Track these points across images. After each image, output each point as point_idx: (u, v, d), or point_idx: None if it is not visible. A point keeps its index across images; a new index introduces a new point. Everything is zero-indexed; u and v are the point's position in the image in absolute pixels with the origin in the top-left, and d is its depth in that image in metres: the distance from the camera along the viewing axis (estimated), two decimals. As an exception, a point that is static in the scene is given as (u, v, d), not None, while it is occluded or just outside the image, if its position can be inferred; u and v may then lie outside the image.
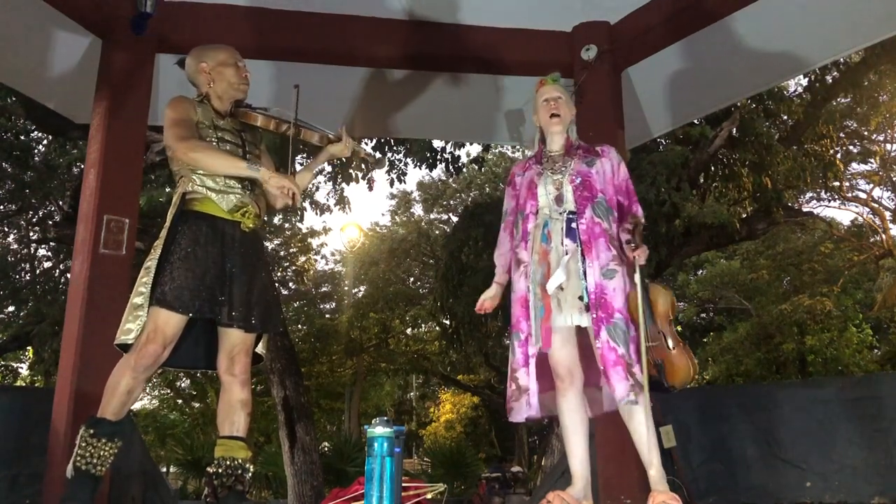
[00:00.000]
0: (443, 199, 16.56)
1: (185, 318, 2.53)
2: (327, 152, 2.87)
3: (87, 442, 2.51)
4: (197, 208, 2.62)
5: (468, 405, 20.38)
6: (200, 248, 2.56)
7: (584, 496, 2.66)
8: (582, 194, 2.78)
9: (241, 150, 2.72)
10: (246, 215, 2.66)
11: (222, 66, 2.76)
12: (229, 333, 2.64)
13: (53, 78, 4.25)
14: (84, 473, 2.49)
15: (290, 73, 4.43)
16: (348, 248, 17.31)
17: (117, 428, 2.55)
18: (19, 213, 10.53)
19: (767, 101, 8.28)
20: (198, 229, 2.59)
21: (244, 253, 2.65)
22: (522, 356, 2.74)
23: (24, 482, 3.59)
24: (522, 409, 2.70)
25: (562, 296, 2.72)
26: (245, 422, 2.65)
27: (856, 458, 3.85)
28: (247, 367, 2.67)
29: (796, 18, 4.00)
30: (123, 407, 2.55)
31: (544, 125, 2.98)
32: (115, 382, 2.53)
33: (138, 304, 2.53)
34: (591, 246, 2.71)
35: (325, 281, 18.77)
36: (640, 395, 2.57)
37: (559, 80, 3.06)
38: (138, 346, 2.50)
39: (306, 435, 7.83)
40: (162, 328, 2.49)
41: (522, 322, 2.77)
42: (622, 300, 2.67)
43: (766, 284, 14.42)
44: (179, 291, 2.49)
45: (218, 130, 2.69)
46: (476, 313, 3.08)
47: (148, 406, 20.56)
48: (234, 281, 2.60)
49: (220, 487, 2.56)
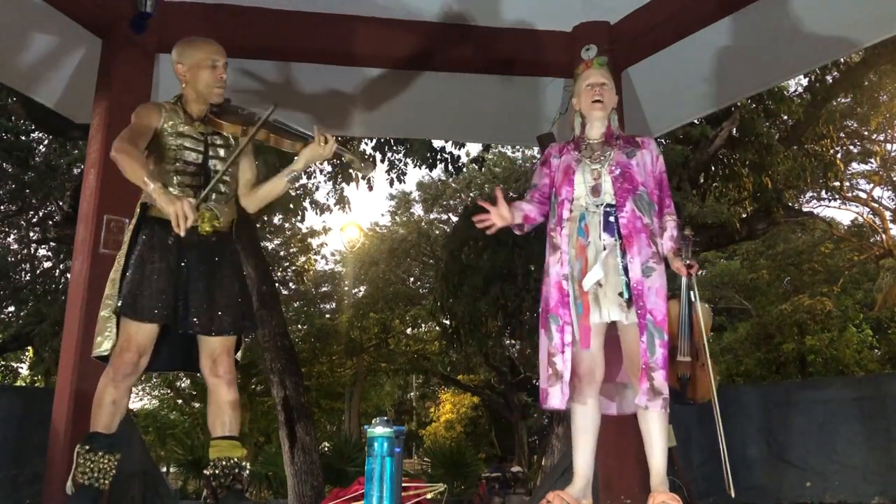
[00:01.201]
0: (442, 199, 16.55)
1: (154, 326, 2.52)
2: (303, 157, 2.65)
3: (85, 458, 2.52)
4: (154, 214, 2.57)
5: (468, 405, 20.39)
6: (157, 255, 2.53)
7: (583, 496, 2.66)
8: (622, 186, 2.69)
9: (203, 156, 2.63)
10: (200, 218, 2.55)
11: (197, 67, 2.64)
12: (205, 337, 2.61)
13: (53, 78, 4.24)
14: (87, 487, 2.50)
15: (290, 73, 4.43)
16: (348, 248, 17.30)
17: (113, 440, 2.56)
18: (19, 213, 10.53)
19: (767, 101, 8.27)
20: (154, 235, 2.56)
21: (204, 257, 2.61)
22: (560, 342, 2.65)
23: (24, 482, 3.59)
24: (557, 395, 2.63)
25: (600, 292, 2.64)
26: (235, 420, 2.64)
27: (856, 458, 3.85)
28: (231, 368, 2.65)
29: (796, 18, 4.00)
30: (113, 418, 2.56)
31: (585, 111, 2.84)
32: (100, 397, 2.55)
33: (106, 317, 2.53)
34: (632, 241, 2.63)
35: (325, 281, 18.77)
36: (655, 400, 2.54)
37: (605, 63, 2.91)
38: (114, 358, 2.50)
39: (306, 435, 7.83)
40: (133, 337, 2.49)
41: (560, 308, 2.68)
42: (655, 301, 2.61)
43: (766, 284, 14.42)
44: (140, 300, 2.47)
45: (180, 137, 2.62)
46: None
47: (148, 406, 20.59)
48: (191, 286, 2.56)
49: (219, 488, 2.57)
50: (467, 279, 9.12)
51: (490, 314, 9.07)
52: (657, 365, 2.56)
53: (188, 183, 2.60)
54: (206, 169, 2.63)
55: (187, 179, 2.60)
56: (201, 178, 2.62)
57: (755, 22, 4.02)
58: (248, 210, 2.82)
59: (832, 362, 12.77)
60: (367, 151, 8.94)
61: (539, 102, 4.84)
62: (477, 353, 13.60)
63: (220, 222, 2.65)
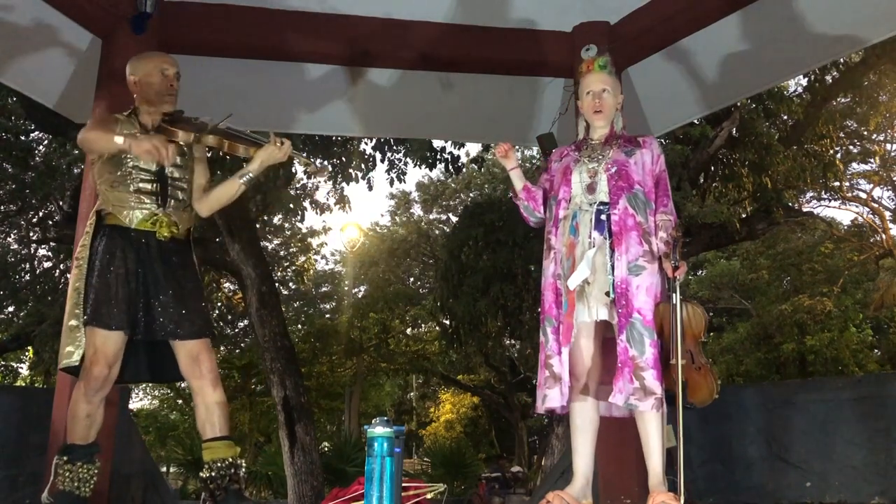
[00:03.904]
0: (442, 199, 16.55)
1: (121, 333, 2.51)
2: (258, 158, 2.68)
3: (63, 469, 2.53)
4: (110, 221, 2.61)
5: (468, 405, 20.40)
6: (117, 262, 2.54)
7: (583, 496, 2.66)
8: (617, 184, 2.69)
9: (160, 166, 2.65)
10: (158, 224, 2.60)
11: (147, 76, 2.73)
12: (181, 341, 2.61)
13: (53, 78, 4.24)
14: (68, 495, 2.51)
15: (290, 73, 4.43)
16: (348, 248, 17.30)
17: (90, 450, 2.58)
18: (19, 213, 10.52)
19: (767, 101, 8.28)
20: (112, 243, 2.57)
21: (164, 262, 2.61)
22: (556, 344, 2.68)
23: (24, 482, 3.58)
24: (556, 397, 2.64)
25: (588, 290, 2.65)
26: (225, 420, 2.64)
27: (856, 458, 3.84)
28: (214, 366, 2.66)
29: (796, 18, 3.99)
30: (88, 430, 2.58)
31: (587, 118, 2.88)
32: (73, 411, 2.56)
33: (73, 326, 2.54)
34: (621, 239, 2.63)
35: (325, 281, 18.77)
36: (646, 400, 2.53)
37: (607, 65, 2.89)
38: (84, 373, 2.51)
39: (306, 435, 7.83)
40: (101, 348, 2.49)
41: (554, 309, 2.71)
42: (644, 299, 2.60)
43: (766, 284, 14.42)
44: (107, 308, 2.48)
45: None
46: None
47: (148, 406, 20.60)
48: (154, 291, 2.57)
49: (217, 490, 2.56)
50: (467, 279, 9.13)
51: (490, 314, 9.07)
52: (647, 364, 2.54)
53: (146, 190, 2.63)
54: (162, 176, 2.66)
55: (145, 186, 2.63)
56: (157, 185, 2.65)
57: (755, 22, 4.02)
58: (201, 214, 2.86)
59: (832, 362, 12.77)
60: (367, 151, 8.95)
61: (539, 102, 4.84)
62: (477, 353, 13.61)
63: (177, 229, 2.67)
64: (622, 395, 2.55)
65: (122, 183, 2.62)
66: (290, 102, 4.67)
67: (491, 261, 8.98)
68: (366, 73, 4.57)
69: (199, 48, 4.07)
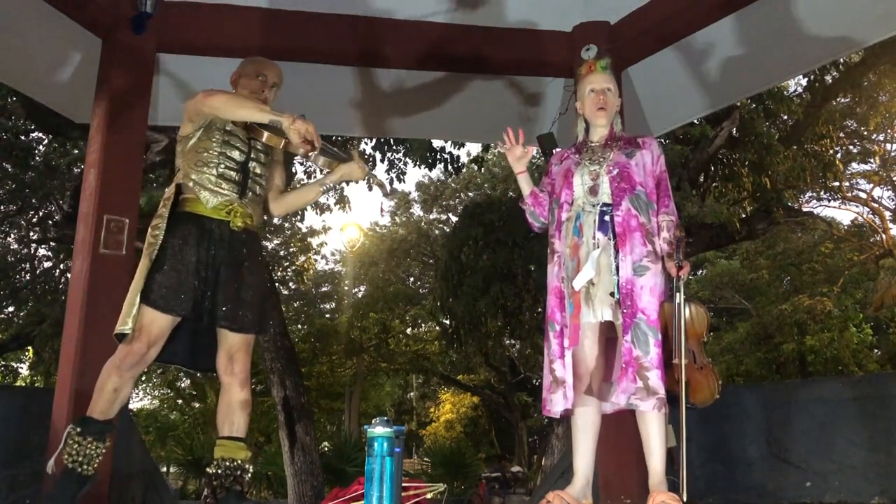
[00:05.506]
0: (442, 199, 16.56)
1: (171, 317, 2.55)
2: (339, 171, 2.83)
3: (73, 440, 2.52)
4: (187, 208, 2.65)
5: (468, 405, 20.40)
6: (189, 248, 2.58)
7: (583, 496, 2.66)
8: (619, 185, 2.70)
9: (246, 156, 2.74)
10: (233, 213, 2.66)
11: (246, 76, 2.90)
12: (227, 333, 2.64)
13: (53, 78, 4.24)
14: (70, 472, 2.50)
15: (290, 73, 4.42)
16: (348, 248, 17.30)
17: (105, 427, 2.57)
18: (19, 213, 10.51)
19: (767, 101, 8.28)
20: (186, 229, 2.61)
21: (234, 252, 2.66)
22: (559, 348, 2.69)
23: (24, 482, 3.58)
24: (559, 401, 2.65)
25: (592, 291, 2.66)
26: (244, 422, 2.67)
27: (856, 458, 3.84)
28: (246, 367, 2.68)
29: (796, 18, 4.00)
30: (111, 406, 2.57)
31: (589, 116, 2.88)
32: (102, 382, 2.56)
33: (133, 298, 2.55)
34: (625, 239, 2.64)
35: (325, 281, 18.77)
36: (648, 400, 2.53)
37: (608, 66, 2.91)
38: (124, 345, 2.53)
39: (306, 435, 7.83)
40: (147, 327, 2.51)
41: (557, 313, 2.73)
42: (649, 299, 2.61)
43: (766, 284, 14.42)
44: (166, 291, 2.51)
45: (227, 135, 2.72)
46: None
47: (148, 406, 20.61)
48: (221, 281, 2.61)
49: (219, 488, 2.57)
50: (467, 279, 9.13)
51: (490, 314, 9.08)
52: (651, 364, 2.55)
53: (229, 177, 2.68)
54: (246, 169, 2.73)
55: (229, 174, 2.69)
56: (241, 175, 2.72)
57: (755, 22, 4.02)
58: (275, 213, 3.00)
59: (832, 362, 12.77)
60: (367, 151, 8.95)
61: (539, 102, 4.85)
62: (477, 353, 13.62)
63: (251, 220, 2.74)
64: (625, 395, 2.55)
65: (206, 164, 2.67)
66: (289, 102, 4.66)
67: (491, 261, 8.99)
68: (366, 73, 4.57)
69: (199, 48, 4.08)
